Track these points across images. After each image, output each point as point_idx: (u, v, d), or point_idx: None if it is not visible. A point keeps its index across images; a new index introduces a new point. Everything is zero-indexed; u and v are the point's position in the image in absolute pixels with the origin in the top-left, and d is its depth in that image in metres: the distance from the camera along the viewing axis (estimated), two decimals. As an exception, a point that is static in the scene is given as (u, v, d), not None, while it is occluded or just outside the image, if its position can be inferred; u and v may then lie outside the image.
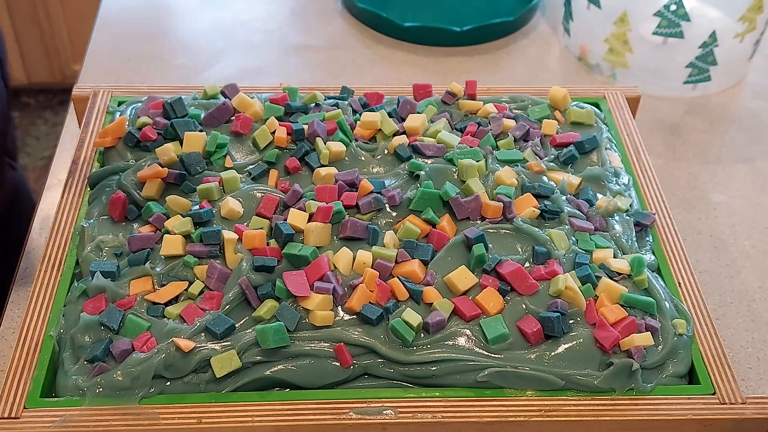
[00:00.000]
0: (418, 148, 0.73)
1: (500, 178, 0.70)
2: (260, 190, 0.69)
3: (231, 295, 0.62)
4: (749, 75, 1.05)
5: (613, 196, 0.72)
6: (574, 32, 1.05)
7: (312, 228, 0.65)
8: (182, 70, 1.02)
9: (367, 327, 0.61)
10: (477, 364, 0.60)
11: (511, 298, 0.63)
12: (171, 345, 0.59)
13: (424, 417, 0.58)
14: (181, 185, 0.69)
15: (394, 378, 0.60)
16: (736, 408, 0.60)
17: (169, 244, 0.65)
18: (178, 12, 1.13)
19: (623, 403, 0.59)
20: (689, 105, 1.00)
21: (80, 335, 0.60)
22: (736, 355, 0.72)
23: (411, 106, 0.78)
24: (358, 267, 0.64)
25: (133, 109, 0.78)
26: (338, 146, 0.72)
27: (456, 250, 0.66)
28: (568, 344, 0.61)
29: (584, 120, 0.78)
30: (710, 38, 0.95)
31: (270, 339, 0.58)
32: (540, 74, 1.04)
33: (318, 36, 1.09)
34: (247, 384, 0.59)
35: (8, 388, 0.59)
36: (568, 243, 0.67)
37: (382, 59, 1.05)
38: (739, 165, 0.92)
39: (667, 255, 0.69)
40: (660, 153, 0.93)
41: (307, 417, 0.58)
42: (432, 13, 1.11)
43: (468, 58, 1.06)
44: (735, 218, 0.86)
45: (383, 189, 0.69)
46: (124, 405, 0.58)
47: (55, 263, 0.67)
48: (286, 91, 0.80)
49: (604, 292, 0.63)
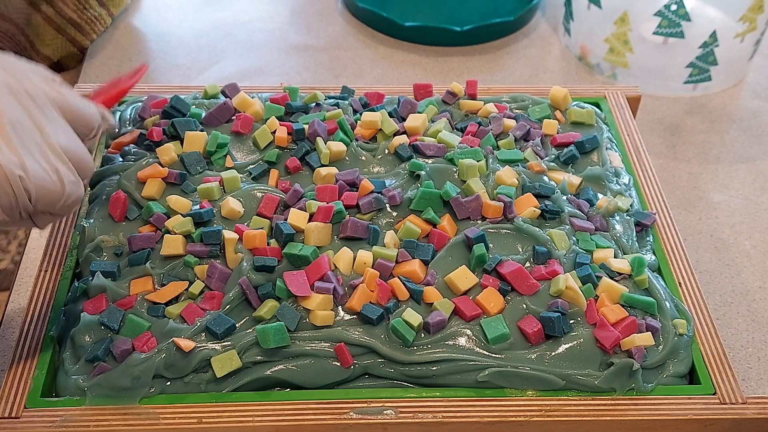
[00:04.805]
0: (418, 148, 0.73)
1: (501, 177, 0.70)
2: (261, 189, 0.69)
3: (231, 295, 0.62)
4: (749, 75, 1.05)
5: (614, 196, 0.72)
6: (574, 32, 1.05)
7: (312, 228, 0.65)
8: (182, 70, 1.02)
9: (367, 327, 0.61)
10: (477, 364, 0.60)
11: (512, 298, 0.63)
12: (171, 345, 0.59)
13: (424, 417, 0.58)
14: (182, 185, 0.69)
15: (394, 378, 0.60)
16: (737, 408, 0.60)
17: (170, 244, 0.65)
18: (178, 12, 1.13)
19: (624, 403, 0.59)
20: (689, 105, 1.00)
21: (80, 335, 0.60)
22: (737, 355, 0.72)
23: (411, 106, 0.78)
24: (359, 267, 0.64)
25: (133, 108, 0.78)
26: (339, 146, 0.72)
27: (456, 250, 0.66)
28: (569, 344, 0.61)
29: (585, 120, 0.78)
30: (711, 38, 0.95)
31: (270, 339, 0.58)
32: (540, 74, 1.04)
33: (318, 36, 1.09)
34: (248, 384, 0.59)
35: (8, 387, 0.59)
36: (568, 243, 0.67)
37: (383, 59, 1.05)
38: (739, 165, 0.92)
39: (668, 255, 0.69)
40: (660, 153, 0.93)
41: (308, 417, 0.58)
42: (432, 12, 1.11)
43: (468, 57, 1.06)
44: (735, 218, 0.86)
45: (384, 189, 0.69)
46: (125, 405, 0.58)
47: (55, 263, 0.67)
48: (286, 90, 0.79)
49: (605, 292, 0.63)
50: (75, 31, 1.00)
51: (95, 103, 0.62)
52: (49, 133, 0.54)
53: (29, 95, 0.54)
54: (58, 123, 0.55)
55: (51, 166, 0.53)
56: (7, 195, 0.50)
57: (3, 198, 0.50)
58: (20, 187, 0.50)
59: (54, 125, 0.55)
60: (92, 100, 0.63)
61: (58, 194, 0.53)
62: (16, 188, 0.50)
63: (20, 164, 0.50)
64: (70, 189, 0.54)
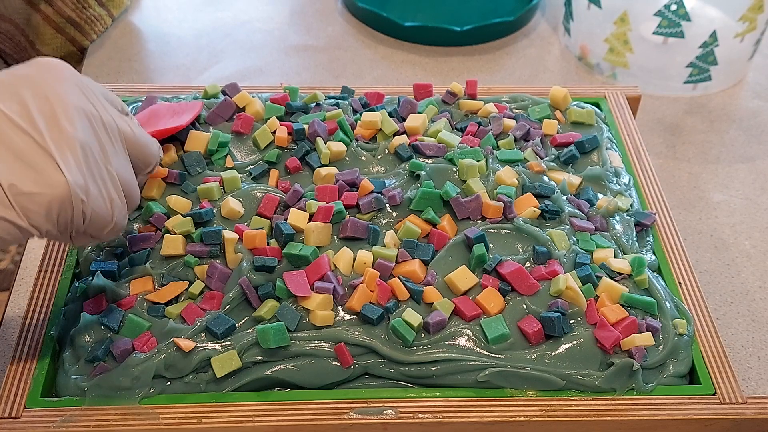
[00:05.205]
0: (418, 148, 0.73)
1: (501, 177, 0.70)
2: (261, 189, 0.69)
3: (231, 295, 0.62)
4: (749, 75, 1.05)
5: (614, 196, 0.72)
6: (574, 32, 1.05)
7: (312, 228, 0.65)
8: (182, 70, 1.02)
9: (367, 327, 0.61)
10: (477, 364, 0.60)
11: (512, 298, 0.63)
12: (171, 345, 0.59)
13: (424, 417, 0.58)
14: (182, 185, 0.69)
15: (394, 378, 0.60)
16: (737, 408, 0.60)
17: (170, 244, 0.65)
18: (178, 12, 1.13)
19: (624, 403, 0.59)
20: (689, 105, 1.00)
21: (80, 335, 0.60)
22: (737, 355, 0.72)
23: (411, 106, 0.78)
24: (359, 267, 0.64)
25: (133, 108, 0.78)
26: (339, 146, 0.72)
27: (456, 250, 0.66)
28: (569, 344, 0.61)
29: (585, 120, 0.78)
30: (710, 38, 0.95)
31: (270, 339, 0.58)
32: (540, 74, 1.04)
33: (318, 36, 1.09)
34: (248, 384, 0.59)
35: (8, 387, 0.59)
36: (568, 243, 0.67)
37: (383, 59, 1.05)
38: (739, 165, 0.92)
39: (668, 255, 0.69)
40: (660, 153, 0.93)
41: (308, 417, 0.58)
42: (432, 12, 1.11)
43: (468, 57, 1.06)
44: (735, 218, 0.86)
45: (384, 189, 0.69)
46: (125, 405, 0.58)
47: (55, 263, 0.67)
48: (286, 90, 0.79)
49: (605, 292, 0.63)
50: (74, 30, 1.00)
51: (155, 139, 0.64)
52: (113, 162, 0.56)
53: (103, 124, 0.56)
54: (122, 155, 0.58)
55: (108, 194, 0.55)
56: (66, 214, 0.52)
57: (62, 216, 0.52)
58: (80, 209, 0.53)
59: (117, 156, 0.57)
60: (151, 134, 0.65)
61: (107, 222, 0.56)
62: (77, 209, 0.53)
63: (84, 188, 0.53)
64: (118, 219, 0.57)
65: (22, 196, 0.50)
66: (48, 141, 0.51)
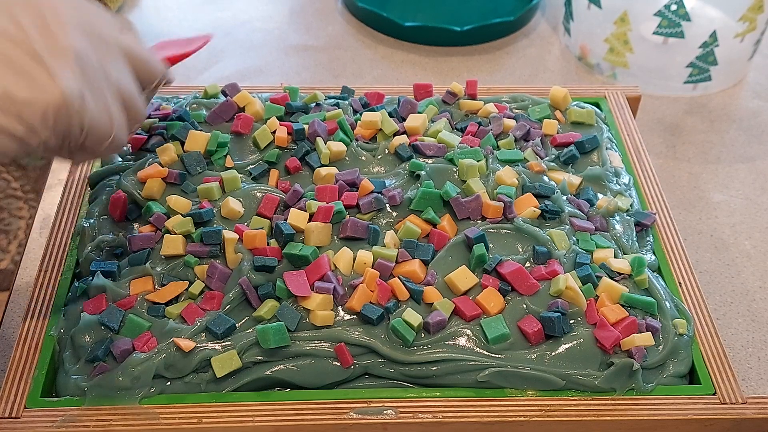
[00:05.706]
0: (418, 148, 0.73)
1: (501, 177, 0.70)
2: (261, 189, 0.69)
3: (231, 295, 0.62)
4: (749, 75, 1.05)
5: (614, 196, 0.72)
6: (574, 32, 1.05)
7: (312, 228, 0.65)
8: (182, 70, 1.02)
9: (367, 327, 0.61)
10: (477, 364, 0.60)
11: (512, 298, 0.63)
12: (171, 345, 0.59)
13: (424, 417, 0.58)
14: (182, 185, 0.69)
15: (394, 378, 0.60)
16: (737, 408, 0.60)
17: (170, 244, 0.65)
18: (178, 11, 1.13)
19: (624, 403, 0.59)
20: (689, 105, 1.00)
21: (80, 335, 0.60)
22: (737, 355, 0.72)
23: (411, 106, 0.78)
24: (359, 267, 0.64)
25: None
26: (339, 146, 0.72)
27: (456, 250, 0.66)
28: (569, 344, 0.61)
29: (585, 120, 0.78)
30: (710, 38, 0.95)
31: (270, 339, 0.58)
32: (540, 74, 1.04)
33: (318, 36, 1.09)
34: (248, 384, 0.59)
35: (8, 387, 0.59)
36: (568, 243, 0.67)
37: (383, 59, 1.05)
38: (739, 165, 0.92)
39: (668, 255, 0.69)
40: (660, 153, 0.93)
41: (308, 417, 0.58)
42: (432, 12, 1.11)
43: (468, 57, 1.06)
44: (735, 218, 0.86)
45: (384, 189, 0.69)
46: (125, 405, 0.58)
47: (55, 263, 0.67)
48: (286, 90, 0.79)
49: (605, 292, 0.63)
50: None
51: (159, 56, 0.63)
52: (112, 74, 0.55)
53: (100, 38, 0.55)
54: (122, 68, 0.57)
55: (106, 105, 0.54)
56: (63, 122, 0.51)
57: (59, 123, 0.51)
58: (78, 117, 0.52)
59: (118, 68, 0.56)
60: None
61: (106, 134, 0.54)
62: (74, 117, 0.51)
63: (80, 95, 0.51)
64: (118, 132, 0.55)
65: (17, 103, 0.49)
66: (41, 49, 0.50)
